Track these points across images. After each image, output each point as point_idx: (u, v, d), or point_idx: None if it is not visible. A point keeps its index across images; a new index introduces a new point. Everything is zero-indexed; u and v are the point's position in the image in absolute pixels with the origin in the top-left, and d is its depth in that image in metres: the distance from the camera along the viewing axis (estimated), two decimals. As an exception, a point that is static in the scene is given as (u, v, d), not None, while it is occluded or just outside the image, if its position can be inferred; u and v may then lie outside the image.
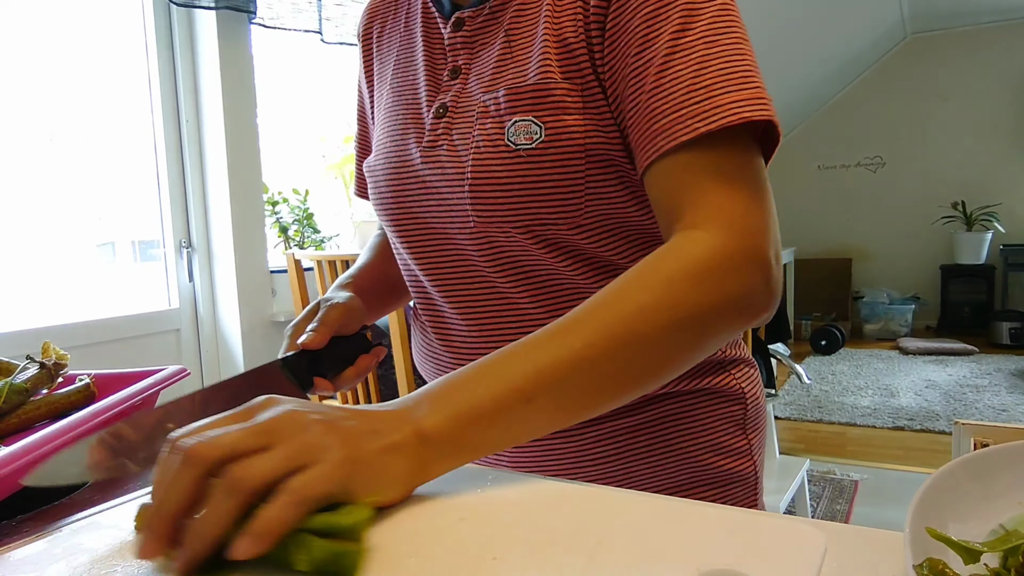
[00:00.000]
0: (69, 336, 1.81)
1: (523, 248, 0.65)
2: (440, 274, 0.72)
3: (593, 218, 0.64)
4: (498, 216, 0.64)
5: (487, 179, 0.63)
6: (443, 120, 0.68)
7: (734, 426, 0.74)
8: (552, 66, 0.62)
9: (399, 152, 0.72)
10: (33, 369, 0.73)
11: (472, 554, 0.42)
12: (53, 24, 1.88)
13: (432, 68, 0.71)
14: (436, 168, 0.67)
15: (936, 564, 0.33)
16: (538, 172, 0.62)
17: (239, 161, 2.16)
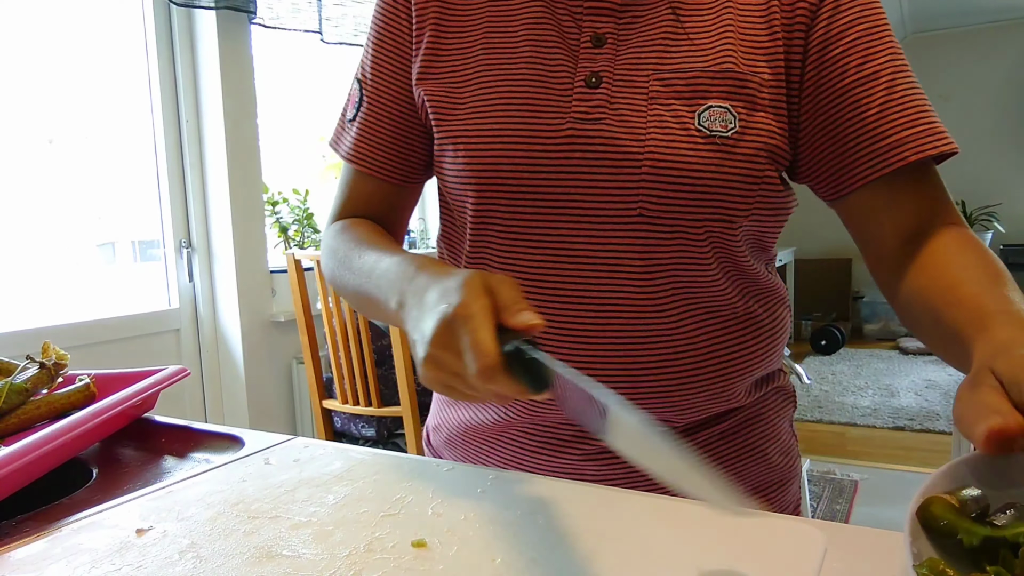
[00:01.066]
0: (69, 336, 1.81)
1: (682, 245, 0.60)
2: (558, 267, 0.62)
3: (754, 222, 0.64)
4: (675, 204, 0.59)
5: (672, 161, 0.58)
6: (598, 91, 0.61)
7: (788, 423, 0.75)
8: (740, 56, 0.60)
9: (532, 121, 0.61)
10: (33, 369, 0.73)
11: (473, 555, 0.42)
12: (53, 24, 1.88)
13: (561, 33, 0.63)
14: (597, 142, 0.60)
15: (936, 564, 0.33)
16: (729, 164, 0.58)
17: (239, 161, 2.16)
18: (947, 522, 0.36)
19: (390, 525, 0.46)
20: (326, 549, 0.43)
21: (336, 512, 0.49)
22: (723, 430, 0.69)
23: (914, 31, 5.99)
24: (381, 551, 0.43)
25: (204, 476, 0.57)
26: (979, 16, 5.61)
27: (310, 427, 2.36)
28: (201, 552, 0.44)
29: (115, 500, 0.53)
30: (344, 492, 0.52)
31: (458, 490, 0.51)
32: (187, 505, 0.51)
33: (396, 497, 0.51)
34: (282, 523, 0.47)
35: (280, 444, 0.65)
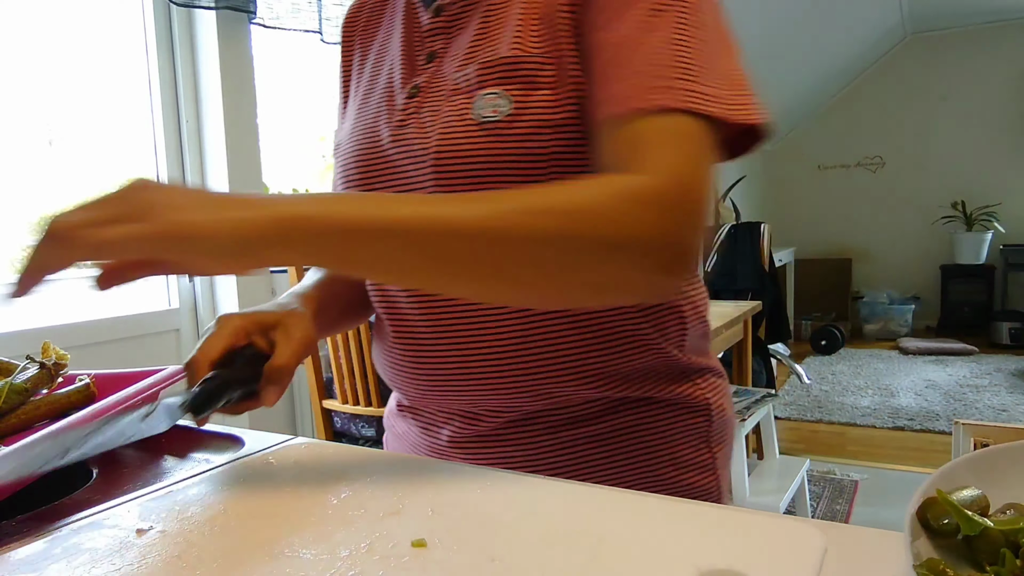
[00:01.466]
0: (69, 336, 1.81)
1: None
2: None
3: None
4: (460, 190, 0.63)
5: (451, 152, 0.63)
6: (415, 100, 0.68)
7: (698, 439, 0.72)
8: (525, 40, 0.62)
9: (369, 134, 0.71)
10: (33, 369, 0.73)
11: (472, 554, 0.42)
12: (53, 24, 1.88)
13: (409, 55, 0.71)
14: (404, 146, 0.67)
15: (936, 564, 0.33)
16: (502, 145, 0.61)
17: (239, 161, 2.16)
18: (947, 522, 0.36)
19: (390, 525, 0.46)
20: (326, 549, 0.43)
21: (336, 512, 0.49)
22: (592, 434, 0.68)
23: (914, 31, 5.99)
24: (381, 551, 0.43)
25: (204, 476, 0.57)
26: (979, 16, 5.61)
27: (310, 427, 2.36)
28: (201, 552, 0.44)
29: (115, 500, 0.53)
30: (344, 492, 0.52)
31: (458, 490, 0.51)
32: (187, 505, 0.51)
33: (396, 497, 0.51)
34: (282, 523, 0.47)
35: (280, 444, 0.65)
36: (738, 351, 2.68)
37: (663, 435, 0.70)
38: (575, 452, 0.68)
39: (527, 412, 0.68)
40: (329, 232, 0.48)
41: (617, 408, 0.69)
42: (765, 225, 3.38)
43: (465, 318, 0.67)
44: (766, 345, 3.23)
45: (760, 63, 4.36)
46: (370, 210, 0.49)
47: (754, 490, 2.27)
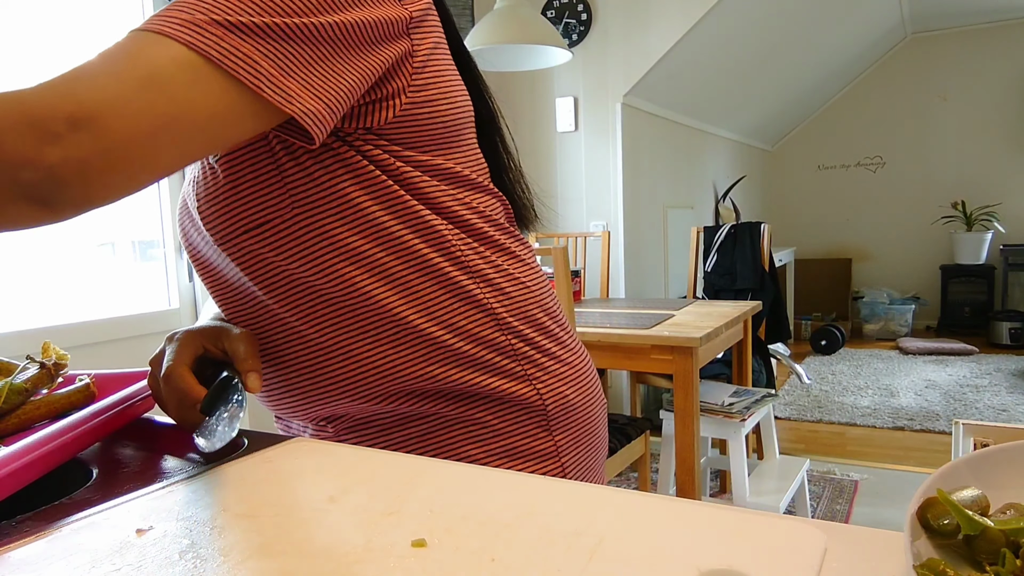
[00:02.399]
0: (69, 336, 1.81)
1: (253, 259, 0.67)
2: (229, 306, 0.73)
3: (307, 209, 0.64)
4: (225, 231, 0.66)
5: (204, 199, 0.66)
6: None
7: (535, 427, 0.72)
8: None
9: (182, 196, 0.75)
10: (33, 369, 0.73)
11: (472, 554, 0.42)
12: (53, 24, 1.88)
13: None
14: (191, 202, 0.70)
15: (936, 564, 0.33)
16: (233, 178, 0.64)
17: (239, 161, 2.16)
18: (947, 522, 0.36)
19: (390, 525, 0.46)
20: (326, 549, 0.43)
21: (336, 512, 0.49)
22: (423, 431, 0.70)
23: (914, 31, 6.00)
24: (381, 551, 0.43)
25: (204, 476, 0.57)
26: (979, 16, 5.61)
27: (310, 427, 2.36)
28: (201, 552, 0.44)
29: (115, 500, 0.53)
30: (344, 492, 0.52)
31: (458, 490, 0.51)
32: (187, 505, 0.51)
33: (396, 497, 0.51)
34: (282, 523, 0.47)
35: (280, 444, 0.65)
36: (738, 351, 2.68)
37: (492, 426, 0.70)
38: (410, 450, 0.70)
39: (361, 418, 0.71)
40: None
41: (442, 402, 0.69)
42: (765, 225, 3.38)
43: (279, 334, 0.70)
44: (766, 345, 3.23)
45: (760, 63, 4.36)
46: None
47: (754, 490, 2.27)
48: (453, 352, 0.68)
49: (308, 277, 0.66)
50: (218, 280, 0.71)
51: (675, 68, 3.54)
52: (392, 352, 0.67)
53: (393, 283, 0.66)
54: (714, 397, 2.38)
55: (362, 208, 0.65)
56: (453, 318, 0.68)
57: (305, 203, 0.64)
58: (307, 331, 0.68)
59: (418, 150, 0.67)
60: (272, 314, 0.69)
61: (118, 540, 0.46)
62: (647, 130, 3.73)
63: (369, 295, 0.66)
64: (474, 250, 0.70)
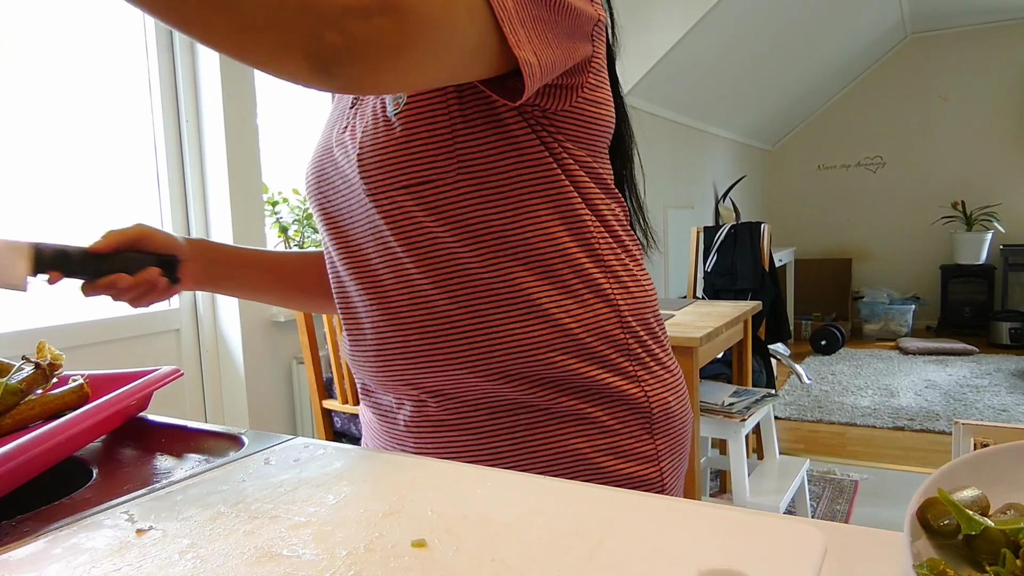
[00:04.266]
0: (69, 336, 1.81)
1: (405, 216, 0.68)
2: (343, 258, 0.75)
3: (469, 177, 0.66)
4: (381, 181, 0.68)
5: (369, 146, 0.68)
6: (355, 108, 0.73)
7: (639, 429, 0.73)
8: None
9: (323, 142, 0.77)
10: (28, 370, 0.73)
11: (472, 554, 0.42)
12: (53, 24, 1.88)
13: None
14: (339, 151, 0.73)
15: (936, 564, 0.33)
16: (408, 132, 0.66)
17: (239, 161, 2.16)
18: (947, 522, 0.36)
19: (390, 525, 0.46)
20: (326, 549, 0.43)
21: (336, 512, 0.49)
22: (532, 420, 0.70)
23: (914, 31, 5.99)
24: (381, 551, 0.43)
25: (204, 476, 0.57)
26: (979, 16, 5.61)
27: (310, 427, 2.36)
28: (201, 552, 0.44)
29: (115, 500, 0.53)
30: (344, 492, 0.52)
31: (458, 490, 0.51)
32: (187, 505, 0.51)
33: (396, 497, 0.51)
34: (282, 523, 0.47)
35: (280, 444, 0.65)
36: (738, 351, 2.68)
37: (600, 422, 0.71)
38: (516, 437, 0.70)
39: (470, 398, 0.71)
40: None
41: (555, 392, 0.70)
42: (765, 225, 3.38)
43: (406, 296, 0.70)
44: (766, 345, 3.23)
45: (761, 63, 4.36)
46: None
47: (754, 490, 2.27)
48: (577, 342, 0.69)
49: (452, 243, 0.68)
50: (346, 235, 0.74)
51: (675, 68, 3.53)
52: (520, 332, 0.68)
53: (533, 265, 0.68)
54: (714, 397, 2.38)
55: (518, 188, 0.68)
56: (581, 309, 0.70)
57: (469, 172, 0.67)
58: (438, 297, 0.69)
59: (576, 144, 0.71)
60: (403, 274, 0.70)
61: (118, 540, 0.46)
62: (647, 130, 3.73)
63: (508, 272, 0.68)
64: (608, 246, 0.73)
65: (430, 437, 0.73)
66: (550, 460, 0.70)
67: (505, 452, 0.70)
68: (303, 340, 2.10)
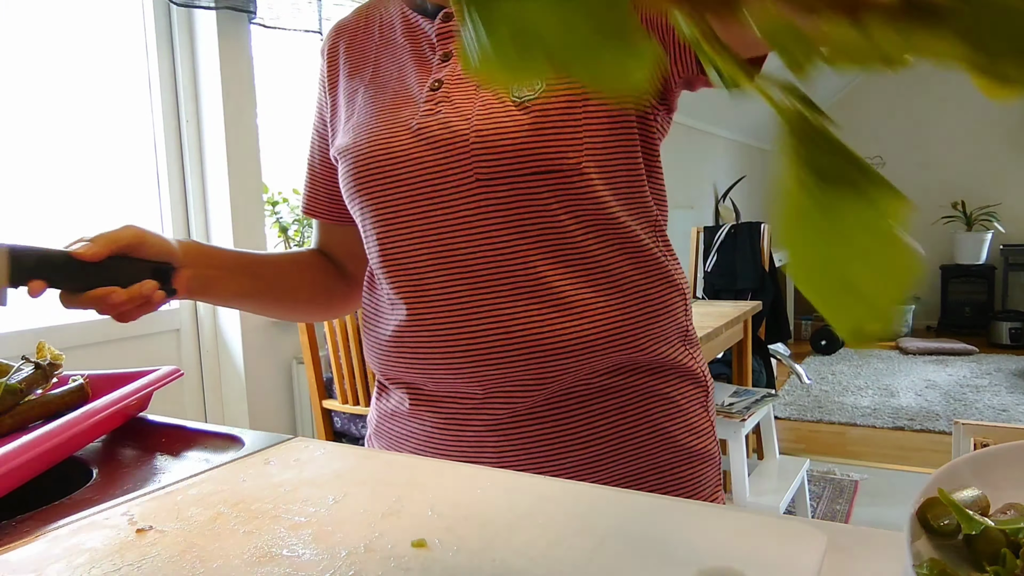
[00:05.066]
0: (69, 336, 1.81)
1: (521, 201, 0.67)
2: (424, 244, 0.71)
3: (593, 169, 0.67)
4: (503, 165, 0.66)
5: (492, 128, 0.67)
6: (439, 92, 0.71)
7: (699, 405, 0.77)
8: None
9: (389, 126, 0.73)
10: (28, 370, 0.73)
11: (472, 554, 0.42)
12: (53, 24, 1.88)
13: (421, 59, 0.76)
14: (435, 129, 0.69)
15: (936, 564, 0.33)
16: (539, 121, 0.66)
17: (239, 161, 2.16)
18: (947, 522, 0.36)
19: (390, 525, 0.46)
20: (326, 549, 0.43)
21: (336, 512, 0.49)
22: (620, 404, 0.72)
23: (914, 31, 5.98)
24: (381, 551, 0.43)
25: (204, 476, 0.57)
26: (979, 16, 5.60)
27: (310, 427, 2.36)
28: (201, 552, 0.44)
29: (115, 500, 0.53)
30: (344, 492, 0.52)
31: (458, 490, 0.51)
32: (187, 505, 0.51)
33: (396, 497, 0.51)
34: (282, 523, 0.47)
35: (280, 444, 0.65)
36: (738, 351, 2.68)
37: (675, 401, 0.74)
38: (606, 425, 0.71)
39: (559, 388, 0.70)
40: None
41: (638, 377, 0.72)
42: (765, 225, 3.38)
43: (500, 286, 0.69)
44: (766, 345, 3.23)
45: (760, 63, 4.35)
46: None
47: (754, 490, 2.27)
48: (658, 323, 0.73)
49: (569, 226, 0.68)
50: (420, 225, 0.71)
51: (675, 68, 3.53)
52: (622, 317, 0.70)
53: (635, 254, 0.72)
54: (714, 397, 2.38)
55: (625, 180, 0.71)
56: (660, 291, 0.73)
57: (593, 161, 0.68)
58: (553, 280, 0.68)
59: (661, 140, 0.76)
60: (513, 261, 0.68)
61: (118, 540, 0.46)
62: (647, 130, 3.73)
63: (613, 258, 0.70)
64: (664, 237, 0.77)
65: (517, 432, 0.70)
66: (641, 441, 0.72)
67: (597, 440, 0.71)
68: (303, 340, 2.10)
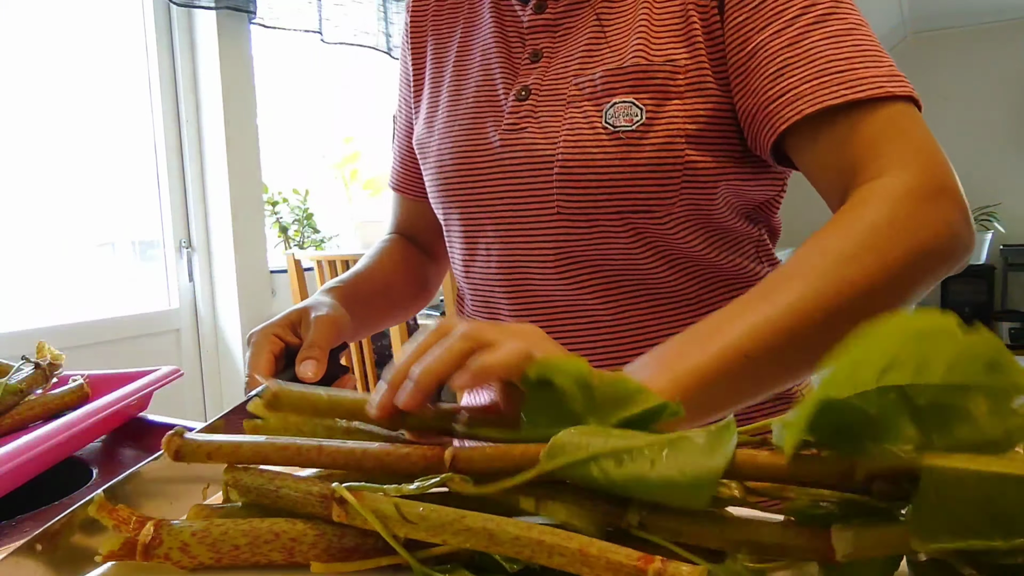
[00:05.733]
0: (69, 336, 1.81)
1: (602, 238, 0.63)
2: (499, 267, 0.68)
3: (685, 209, 0.63)
4: (588, 200, 0.62)
5: (580, 160, 0.61)
6: (526, 103, 0.66)
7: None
8: (651, 48, 0.61)
9: (473, 135, 0.68)
10: (28, 370, 0.73)
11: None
12: (53, 24, 1.88)
13: (508, 52, 0.69)
14: (519, 150, 0.65)
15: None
16: (637, 155, 0.60)
17: (239, 161, 2.16)
18: None
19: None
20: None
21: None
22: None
23: (914, 31, 5.99)
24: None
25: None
26: (979, 16, 5.61)
27: (310, 427, 2.36)
28: (200, 552, 0.43)
29: (114, 500, 0.53)
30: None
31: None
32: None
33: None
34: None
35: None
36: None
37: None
38: None
39: None
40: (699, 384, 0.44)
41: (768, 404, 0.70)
42: (765, 225, 3.38)
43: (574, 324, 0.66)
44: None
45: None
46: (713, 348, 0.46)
47: (754, 490, 2.27)
48: None
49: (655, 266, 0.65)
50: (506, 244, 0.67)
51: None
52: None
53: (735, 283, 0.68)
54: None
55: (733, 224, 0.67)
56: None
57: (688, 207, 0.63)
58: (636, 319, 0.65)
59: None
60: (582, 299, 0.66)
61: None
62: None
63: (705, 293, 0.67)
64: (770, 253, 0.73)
65: None
66: None
67: None
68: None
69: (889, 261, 0.48)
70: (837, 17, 0.56)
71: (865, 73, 0.54)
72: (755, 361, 0.45)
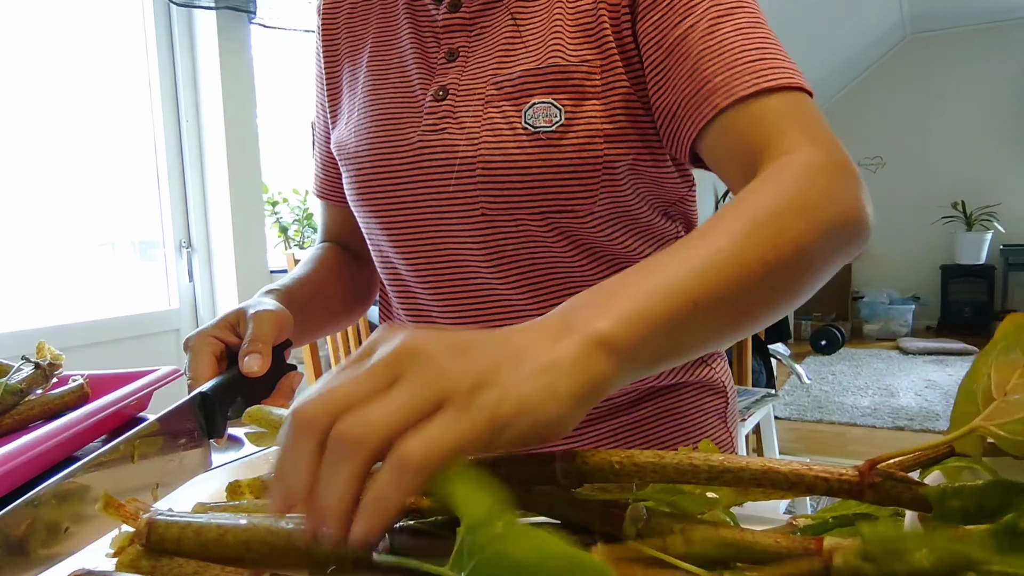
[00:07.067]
0: (69, 336, 1.81)
1: (528, 237, 0.64)
2: (426, 269, 0.68)
3: (606, 207, 0.63)
4: (511, 201, 0.62)
5: (502, 161, 0.61)
6: (444, 103, 0.65)
7: (718, 419, 0.75)
8: (567, 49, 0.62)
9: (392, 135, 0.67)
10: (28, 370, 0.73)
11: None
12: (53, 24, 1.88)
13: (423, 51, 0.69)
14: (439, 152, 0.64)
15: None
16: (557, 156, 0.61)
17: (239, 161, 2.16)
18: None
19: (390, 525, 0.46)
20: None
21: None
22: (631, 421, 0.70)
23: (914, 31, 5.99)
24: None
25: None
26: (979, 16, 5.61)
27: (310, 427, 2.36)
28: (200, 552, 0.43)
29: (114, 500, 0.53)
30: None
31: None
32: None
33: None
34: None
35: (280, 444, 0.64)
36: (738, 351, 2.68)
37: (692, 418, 0.73)
38: (616, 442, 0.70)
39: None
40: (650, 330, 0.38)
41: (652, 395, 0.71)
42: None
43: (495, 319, 0.67)
44: (766, 345, 3.23)
45: (760, 63, 4.35)
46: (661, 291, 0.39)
47: (754, 490, 2.27)
48: None
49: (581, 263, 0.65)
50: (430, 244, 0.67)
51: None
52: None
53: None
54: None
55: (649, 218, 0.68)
56: None
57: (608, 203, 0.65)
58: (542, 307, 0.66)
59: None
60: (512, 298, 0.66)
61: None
62: (647, 130, 3.72)
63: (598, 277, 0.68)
64: None
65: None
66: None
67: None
68: (303, 340, 2.09)
69: (818, 224, 0.46)
70: (744, 11, 0.58)
71: (774, 64, 0.56)
72: (700, 310, 0.40)
